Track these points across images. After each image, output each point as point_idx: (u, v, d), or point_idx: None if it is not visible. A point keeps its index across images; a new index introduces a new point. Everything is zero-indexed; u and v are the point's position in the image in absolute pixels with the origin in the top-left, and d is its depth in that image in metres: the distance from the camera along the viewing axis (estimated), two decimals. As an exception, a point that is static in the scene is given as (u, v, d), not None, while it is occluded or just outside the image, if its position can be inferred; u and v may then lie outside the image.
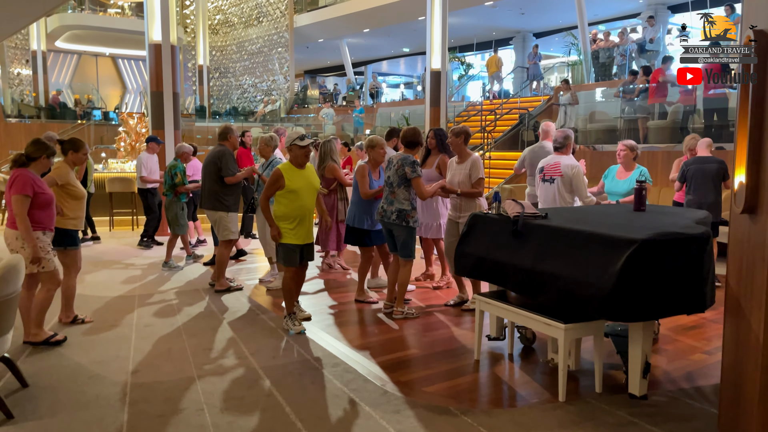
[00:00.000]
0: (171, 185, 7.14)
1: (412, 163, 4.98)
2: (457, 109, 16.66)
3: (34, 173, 4.27)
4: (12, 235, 4.23)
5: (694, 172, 6.01)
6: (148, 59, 9.83)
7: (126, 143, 13.33)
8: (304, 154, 4.74)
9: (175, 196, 7.15)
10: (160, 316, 5.25)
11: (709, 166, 5.95)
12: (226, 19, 24.20)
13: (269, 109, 21.66)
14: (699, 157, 6.08)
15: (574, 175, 5.15)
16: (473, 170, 5.10)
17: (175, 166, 7.20)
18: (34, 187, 4.16)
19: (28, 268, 4.19)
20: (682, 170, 6.14)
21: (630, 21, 17.94)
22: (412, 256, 5.12)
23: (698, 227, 3.55)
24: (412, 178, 4.96)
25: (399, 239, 5.10)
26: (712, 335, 4.82)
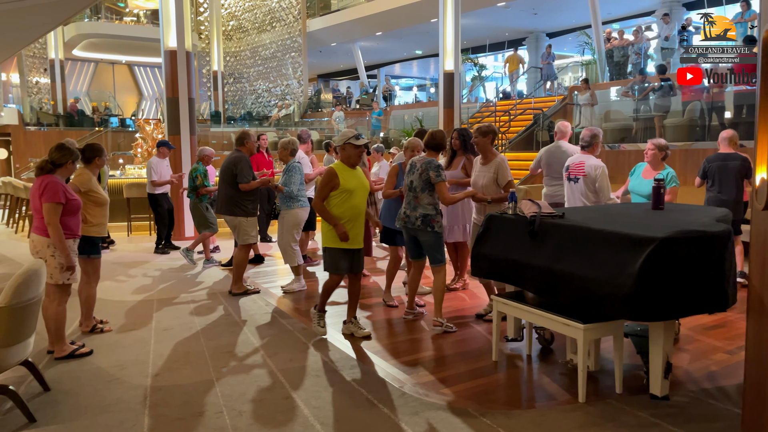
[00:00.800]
0: (193, 187, 7.33)
1: (436, 168, 4.77)
2: (470, 110, 16.60)
3: (61, 179, 4.29)
4: (42, 242, 4.17)
5: (716, 169, 5.92)
6: (163, 66, 9.92)
7: (143, 149, 13.45)
8: (358, 153, 4.60)
9: (197, 197, 7.32)
10: (178, 320, 5.29)
11: (732, 163, 5.85)
12: (240, 24, 24.38)
13: (283, 113, 21.78)
14: (721, 153, 5.98)
15: (597, 175, 5.06)
16: (500, 173, 4.96)
17: (196, 169, 7.38)
18: (66, 194, 4.18)
19: (54, 278, 4.21)
20: (704, 167, 6.05)
21: (644, 19, 17.78)
22: (442, 262, 4.92)
23: (719, 225, 3.50)
24: (437, 182, 4.75)
25: (426, 245, 4.90)
26: (734, 335, 4.75)
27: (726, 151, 6.01)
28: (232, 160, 6.14)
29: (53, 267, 4.19)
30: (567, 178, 5.27)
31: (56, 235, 4.11)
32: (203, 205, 7.40)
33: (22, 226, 11.03)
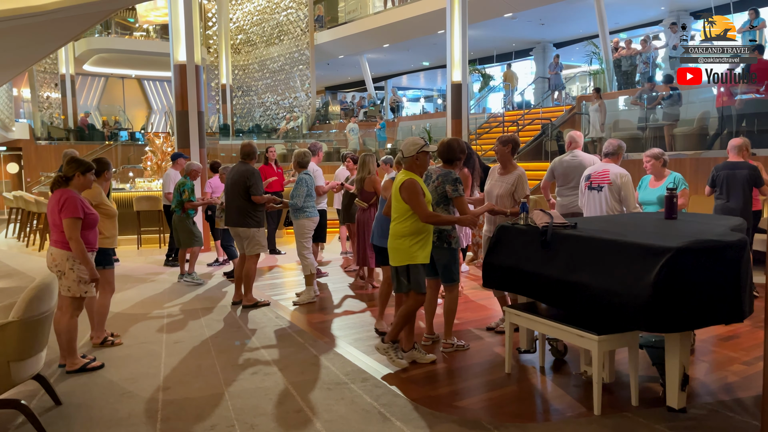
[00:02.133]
0: (179, 202, 7.38)
1: (453, 181, 4.45)
2: (478, 121, 16.62)
3: (77, 193, 4.32)
4: (62, 255, 4.19)
5: (725, 178, 5.88)
6: (173, 79, 10.00)
7: (152, 162, 13.52)
8: (428, 161, 4.41)
9: (183, 212, 7.38)
10: (189, 333, 5.28)
11: (740, 172, 5.82)
12: (248, 38, 24.57)
13: (291, 125, 21.88)
14: (730, 162, 5.95)
15: (623, 183, 4.98)
16: (520, 186, 4.86)
17: (183, 183, 7.42)
18: (84, 209, 4.21)
19: (72, 291, 4.23)
20: (712, 175, 6.02)
21: (652, 28, 17.77)
22: (456, 280, 4.64)
23: (734, 234, 3.46)
24: (454, 197, 4.43)
25: (440, 262, 4.59)
26: (750, 345, 4.68)
27: (735, 159, 5.97)
28: (244, 173, 6.14)
29: (71, 280, 4.21)
30: (588, 187, 5.14)
31: (79, 249, 4.14)
32: (190, 220, 7.41)
33: (34, 239, 11.09)
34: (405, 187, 4.13)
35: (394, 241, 4.26)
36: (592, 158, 5.89)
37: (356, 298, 6.59)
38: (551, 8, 15.96)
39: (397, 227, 4.24)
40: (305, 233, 6.36)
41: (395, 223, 4.26)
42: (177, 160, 8.67)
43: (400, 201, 4.17)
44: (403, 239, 4.21)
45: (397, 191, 4.19)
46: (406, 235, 4.20)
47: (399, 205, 4.20)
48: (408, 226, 4.19)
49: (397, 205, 4.23)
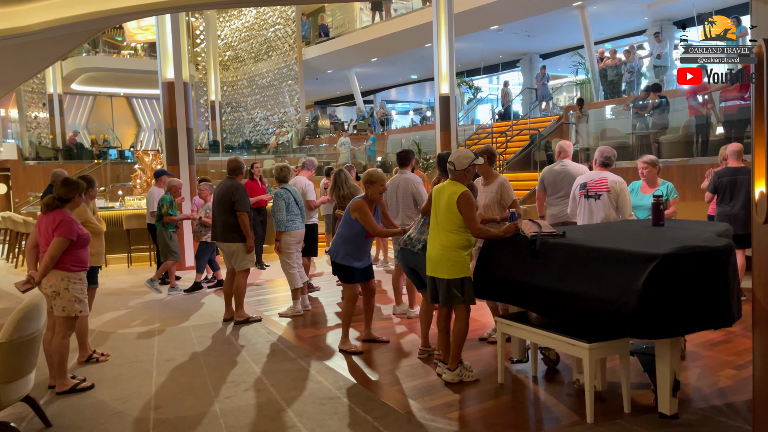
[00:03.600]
0: (159, 216, 7.67)
1: None
2: (467, 132, 16.71)
3: (71, 214, 4.31)
4: (57, 276, 4.19)
5: (727, 184, 5.91)
6: (161, 97, 10.01)
7: (142, 180, 13.49)
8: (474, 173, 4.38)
9: (163, 226, 7.63)
10: (180, 350, 5.24)
11: (742, 177, 5.83)
12: (236, 54, 24.66)
13: (281, 140, 21.91)
14: (731, 167, 5.96)
15: (621, 190, 5.02)
16: (504, 193, 4.90)
17: (163, 199, 7.71)
18: (78, 231, 4.22)
19: (67, 310, 4.20)
20: (714, 181, 6.03)
21: (636, 38, 17.99)
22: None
23: (720, 240, 3.50)
24: None
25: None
26: (741, 350, 4.70)
27: (735, 165, 6.00)
28: (229, 188, 6.15)
29: (67, 300, 4.19)
30: (585, 196, 5.15)
31: (49, 266, 4.15)
32: (168, 234, 7.67)
33: (22, 260, 10.99)
34: (463, 200, 4.06)
35: (449, 253, 4.10)
36: (580, 167, 5.93)
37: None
38: (536, 20, 16.14)
39: (452, 239, 4.10)
40: (287, 249, 6.34)
41: (449, 234, 4.11)
42: (161, 177, 8.67)
43: (455, 213, 4.09)
44: (459, 251, 4.10)
45: (453, 203, 4.08)
46: (462, 247, 4.11)
47: (453, 217, 4.09)
48: (464, 239, 4.12)
49: (451, 217, 4.11)
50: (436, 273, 4.19)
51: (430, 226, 4.29)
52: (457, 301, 4.13)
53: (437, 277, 4.19)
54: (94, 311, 6.26)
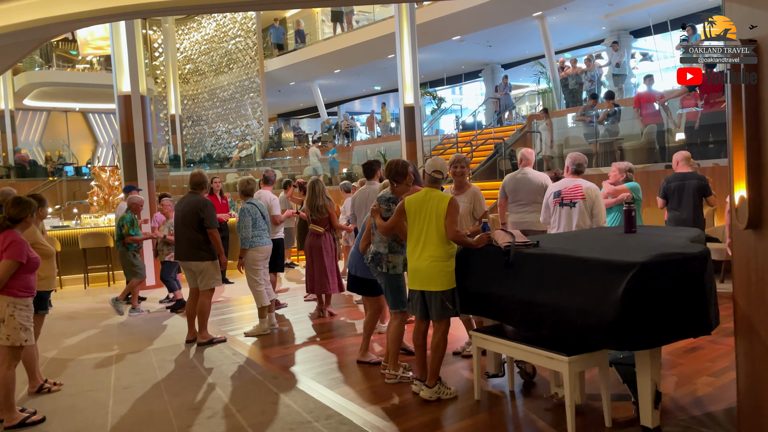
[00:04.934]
0: (120, 235, 7.34)
1: (386, 201, 4.43)
2: (432, 142, 16.70)
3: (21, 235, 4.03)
4: (2, 301, 3.90)
5: (676, 189, 5.96)
6: (117, 111, 9.67)
7: (99, 197, 13.03)
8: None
9: (124, 245, 7.32)
10: (139, 376, 4.95)
11: (690, 183, 5.91)
12: (196, 68, 24.26)
13: (244, 154, 21.56)
14: (680, 173, 6.03)
15: (596, 197, 5.00)
16: (477, 203, 4.80)
17: (123, 218, 7.39)
18: (28, 254, 3.95)
19: (11, 339, 3.91)
20: (663, 187, 6.08)
21: (594, 48, 18.32)
22: (397, 307, 4.45)
23: (696, 246, 3.44)
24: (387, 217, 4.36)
25: (382, 286, 4.57)
26: (714, 356, 4.68)
27: (684, 170, 6.06)
28: (195, 204, 5.89)
29: (12, 327, 3.91)
30: (560, 204, 5.11)
31: None
32: (130, 253, 7.39)
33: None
34: (453, 204, 3.96)
35: (440, 264, 3.95)
36: (541, 175, 5.91)
37: (315, 328, 6.37)
38: (498, 30, 16.29)
39: (443, 249, 3.96)
40: (254, 266, 6.13)
41: (443, 245, 3.96)
42: (129, 192, 8.36)
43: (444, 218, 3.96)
44: (450, 261, 3.99)
45: (444, 207, 3.94)
46: (452, 256, 4.01)
47: (443, 225, 3.96)
48: (452, 248, 4.01)
49: (441, 223, 3.95)
50: (427, 286, 3.99)
51: (411, 239, 4.11)
52: (449, 314, 4.00)
53: (428, 291, 4.00)
54: (48, 337, 5.93)
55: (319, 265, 6.59)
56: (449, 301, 3.97)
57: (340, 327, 6.38)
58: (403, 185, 4.48)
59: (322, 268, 6.58)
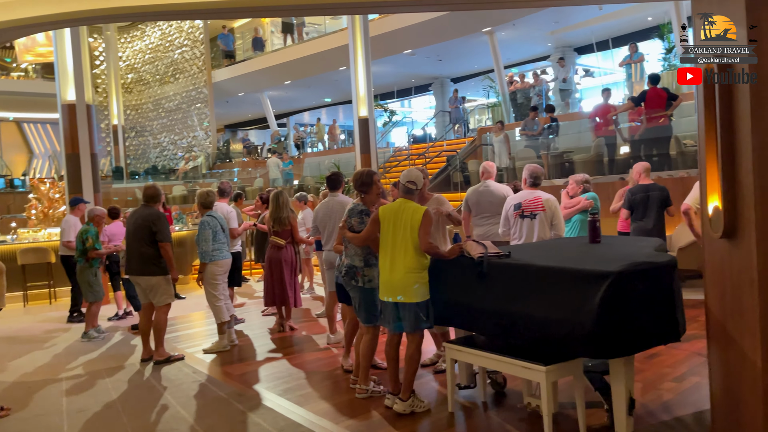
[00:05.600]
0: (82, 250, 6.80)
1: (359, 214, 4.37)
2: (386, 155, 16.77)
3: None
4: None
5: (641, 200, 6.13)
6: (61, 121, 9.26)
7: (38, 210, 12.42)
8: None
9: (87, 261, 6.81)
10: (94, 398, 4.69)
11: (654, 194, 6.08)
12: (140, 77, 23.57)
13: (191, 165, 21.03)
14: (643, 185, 6.20)
15: (556, 208, 5.12)
16: (441, 208, 4.83)
17: (86, 231, 6.86)
18: None
19: None
20: (628, 198, 6.24)
21: (540, 63, 18.88)
22: (370, 322, 4.34)
23: (664, 255, 3.54)
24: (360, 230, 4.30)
25: (354, 300, 4.42)
26: (674, 362, 4.82)
27: (646, 182, 6.25)
28: (148, 217, 5.67)
29: None
30: (520, 216, 5.20)
31: None
32: (92, 271, 6.84)
33: None
34: (427, 216, 3.92)
35: (414, 276, 3.90)
36: (502, 187, 5.99)
37: (276, 343, 6.23)
38: (448, 45, 16.56)
39: (417, 261, 3.91)
40: (213, 280, 5.95)
41: (417, 256, 3.91)
42: (77, 205, 7.98)
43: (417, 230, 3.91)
44: (423, 273, 3.95)
45: (418, 221, 3.89)
46: (425, 267, 3.96)
47: (417, 235, 3.90)
48: (426, 260, 3.97)
49: (414, 235, 3.90)
50: (402, 298, 3.93)
51: (383, 249, 4.06)
52: (423, 326, 3.95)
53: (402, 302, 3.94)
54: (-11, 359, 5.56)
55: (279, 279, 6.47)
56: (423, 312, 3.94)
57: (302, 341, 6.25)
58: (371, 195, 4.43)
59: (282, 281, 6.46)
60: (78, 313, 7.93)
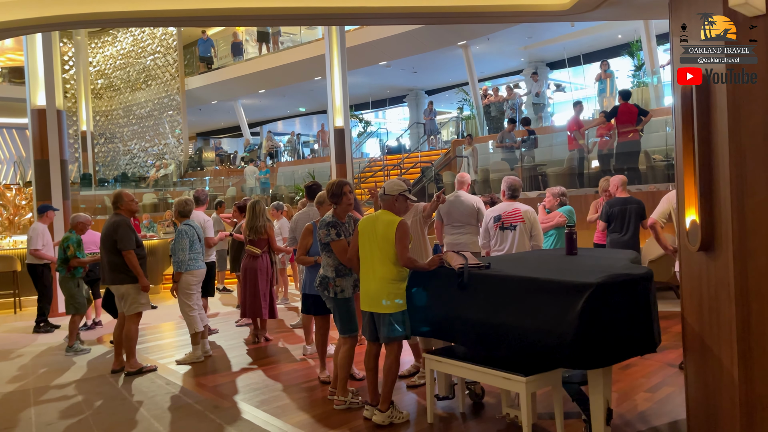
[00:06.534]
0: (63, 259, 6.51)
1: (326, 226, 4.29)
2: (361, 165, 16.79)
3: None
4: None
5: (619, 213, 6.23)
6: (30, 126, 9.04)
7: (2, 217, 12.10)
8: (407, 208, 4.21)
9: (69, 271, 6.52)
10: (63, 412, 4.56)
11: (632, 207, 6.19)
12: (110, 83, 23.21)
13: (162, 173, 20.73)
14: (620, 198, 6.30)
15: (534, 219, 5.21)
16: (419, 213, 4.89)
17: (68, 238, 6.57)
18: None
19: None
20: (606, 210, 6.33)
21: (513, 77, 19.17)
22: (346, 332, 4.31)
23: (641, 267, 3.61)
24: (329, 242, 4.27)
25: (331, 311, 4.43)
26: (646, 373, 4.90)
27: (623, 195, 6.36)
28: (111, 225, 5.59)
29: None
30: (500, 228, 5.27)
31: None
32: (75, 281, 6.55)
33: None
34: (401, 228, 3.88)
35: (389, 286, 3.89)
36: (473, 198, 6.06)
37: (251, 354, 6.15)
38: (423, 57, 16.71)
39: (393, 271, 3.90)
40: (188, 290, 5.87)
41: (389, 267, 3.89)
42: (46, 212, 7.78)
43: (392, 242, 3.87)
44: (400, 283, 3.94)
45: (391, 233, 3.87)
46: (402, 279, 3.95)
47: (391, 247, 3.88)
48: (403, 271, 3.95)
49: (388, 247, 3.89)
50: (375, 308, 3.94)
51: (363, 261, 4.06)
52: (398, 337, 3.93)
53: (376, 312, 3.95)
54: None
55: (253, 289, 6.40)
56: (399, 324, 3.93)
57: (278, 352, 6.19)
58: (342, 205, 4.36)
59: (255, 291, 6.39)
60: (45, 323, 7.71)
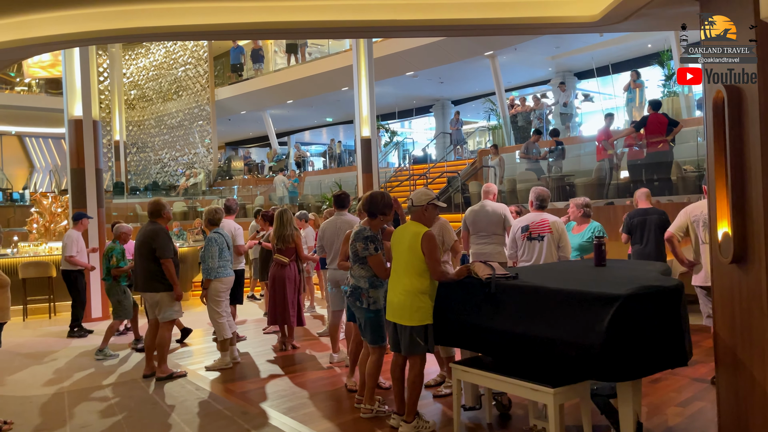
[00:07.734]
0: (107, 268, 6.72)
1: (364, 239, 4.23)
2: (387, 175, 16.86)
3: None
4: None
5: (638, 224, 6.19)
6: (67, 135, 9.32)
7: (39, 224, 12.45)
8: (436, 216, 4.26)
9: (114, 279, 6.71)
10: (97, 414, 4.68)
11: (651, 218, 6.14)
12: (143, 93, 23.74)
13: (192, 182, 21.08)
14: (641, 209, 6.26)
15: (563, 230, 5.21)
16: (445, 234, 4.89)
17: (112, 248, 6.77)
18: None
19: None
20: (627, 222, 6.30)
21: (540, 87, 19.07)
22: (376, 343, 4.30)
23: (671, 279, 3.57)
24: (366, 256, 4.22)
25: (359, 321, 4.42)
26: (678, 387, 4.83)
27: (645, 206, 6.31)
28: (149, 233, 5.72)
29: None
30: (528, 238, 5.27)
31: None
32: (120, 289, 6.72)
33: None
34: (427, 239, 3.86)
35: (412, 299, 3.88)
36: (499, 206, 6.04)
37: (279, 361, 6.22)
38: (449, 67, 16.74)
39: (416, 283, 3.89)
40: (217, 297, 5.97)
41: (413, 279, 3.89)
42: (80, 220, 8.00)
43: (419, 255, 3.87)
44: (423, 296, 3.90)
45: (417, 244, 3.87)
46: (426, 291, 3.92)
47: (417, 259, 3.87)
48: (430, 283, 3.92)
49: (413, 258, 3.89)
50: (398, 319, 3.96)
51: (392, 271, 4.10)
52: (419, 350, 3.93)
53: (399, 324, 3.97)
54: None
55: (282, 297, 6.47)
56: (420, 337, 3.91)
57: (305, 360, 6.25)
58: (386, 219, 4.35)
59: (284, 299, 6.46)
60: (78, 328, 7.90)
